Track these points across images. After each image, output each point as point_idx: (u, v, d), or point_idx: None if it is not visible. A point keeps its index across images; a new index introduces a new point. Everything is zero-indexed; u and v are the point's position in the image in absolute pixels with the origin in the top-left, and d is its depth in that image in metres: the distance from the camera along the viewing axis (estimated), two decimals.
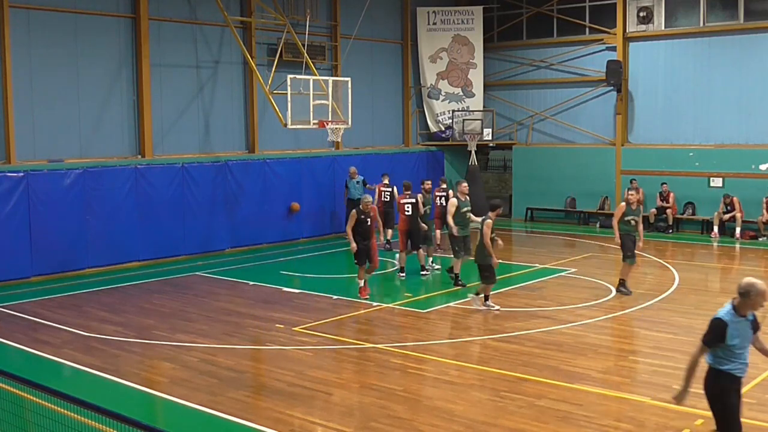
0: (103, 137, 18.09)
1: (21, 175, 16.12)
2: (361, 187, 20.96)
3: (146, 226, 18.12)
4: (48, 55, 17.06)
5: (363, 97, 23.33)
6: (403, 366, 10.48)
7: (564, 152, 24.96)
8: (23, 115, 16.71)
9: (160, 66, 18.95)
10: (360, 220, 14.51)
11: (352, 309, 13.78)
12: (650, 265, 17.83)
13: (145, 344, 11.61)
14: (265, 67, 20.49)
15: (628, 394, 9.26)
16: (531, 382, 9.66)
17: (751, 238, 20.92)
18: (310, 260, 18.99)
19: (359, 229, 14.47)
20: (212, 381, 9.84)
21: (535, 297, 14.59)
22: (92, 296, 15.01)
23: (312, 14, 20.63)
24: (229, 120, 20.64)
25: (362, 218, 14.54)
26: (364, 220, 14.57)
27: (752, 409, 8.62)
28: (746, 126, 21.77)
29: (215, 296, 14.90)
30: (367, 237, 14.56)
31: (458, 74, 25.99)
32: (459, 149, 25.81)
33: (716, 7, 22.17)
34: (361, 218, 14.51)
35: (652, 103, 23.39)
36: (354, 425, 8.36)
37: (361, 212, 14.52)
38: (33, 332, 12.36)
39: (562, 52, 24.93)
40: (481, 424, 8.29)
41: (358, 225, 14.45)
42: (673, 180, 22.52)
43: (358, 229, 14.44)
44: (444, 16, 25.93)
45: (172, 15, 19.21)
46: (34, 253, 16.30)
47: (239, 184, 19.99)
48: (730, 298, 9.64)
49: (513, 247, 20.48)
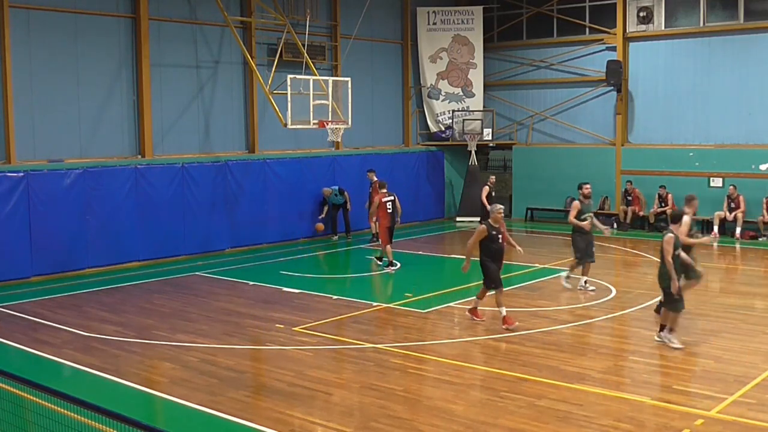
0: (103, 137, 18.09)
1: (21, 175, 16.12)
2: (341, 196, 21.39)
3: (146, 226, 18.12)
4: (48, 55, 17.06)
5: (363, 97, 23.33)
6: (403, 366, 10.47)
7: (564, 152, 24.97)
8: (23, 115, 16.71)
9: (160, 66, 18.95)
10: (490, 237, 12.14)
11: (352, 309, 13.77)
12: (650, 265, 17.83)
13: (145, 344, 11.61)
14: (265, 67, 20.49)
15: (628, 394, 9.26)
16: (531, 382, 9.66)
17: (751, 238, 20.93)
18: (310, 260, 18.99)
19: (491, 247, 12.17)
20: (212, 381, 9.83)
21: (535, 297, 14.59)
22: (92, 296, 15.01)
23: (312, 14, 20.64)
24: (229, 120, 20.64)
25: (493, 234, 12.14)
26: (495, 237, 12.17)
27: (752, 409, 8.62)
28: (746, 126, 21.77)
29: (215, 296, 14.90)
30: (499, 258, 12.29)
31: (458, 74, 25.99)
32: (459, 149, 25.81)
33: (716, 7, 22.17)
34: (491, 234, 12.13)
35: (652, 103, 23.40)
36: (354, 425, 8.36)
37: (491, 227, 12.15)
38: (33, 332, 12.36)
39: (562, 52, 24.94)
40: (481, 424, 8.29)
41: (489, 242, 12.14)
42: (673, 180, 22.51)
43: (490, 248, 12.17)
44: (444, 16, 25.93)
45: (172, 15, 19.21)
46: (34, 253, 16.30)
47: (239, 184, 19.99)
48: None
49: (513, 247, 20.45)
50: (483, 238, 12.09)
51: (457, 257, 19.30)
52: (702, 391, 9.25)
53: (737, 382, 9.49)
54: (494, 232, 12.08)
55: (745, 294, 15.05)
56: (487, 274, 12.22)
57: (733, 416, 8.41)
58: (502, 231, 12.26)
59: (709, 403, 8.80)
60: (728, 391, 9.17)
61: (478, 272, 13.30)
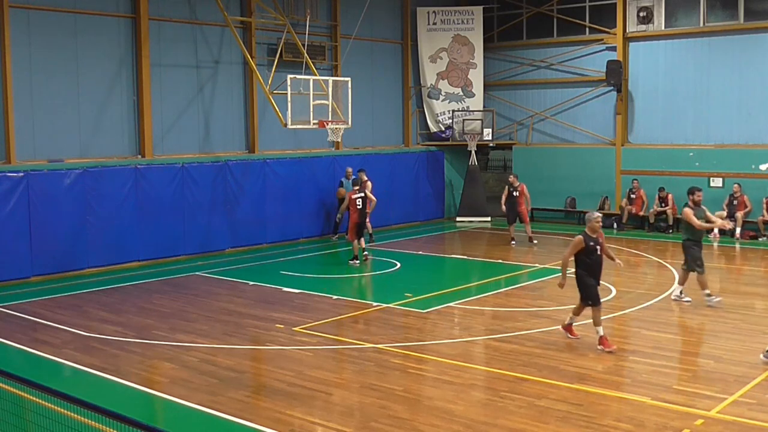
0: (103, 137, 18.08)
1: (21, 175, 16.12)
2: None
3: (146, 226, 18.12)
4: (48, 55, 17.06)
5: (363, 97, 23.33)
6: (403, 366, 10.47)
7: (564, 152, 24.97)
8: (23, 115, 16.71)
9: (160, 66, 18.95)
10: (587, 249, 11.00)
11: (352, 309, 13.78)
12: (650, 265, 17.85)
13: (145, 344, 11.60)
14: (265, 67, 20.49)
15: (628, 394, 9.26)
16: (531, 382, 9.66)
17: (751, 238, 20.92)
18: (310, 260, 18.99)
19: (588, 260, 11.05)
20: (212, 381, 9.83)
21: (535, 297, 14.59)
22: (92, 296, 15.01)
23: (312, 14, 20.64)
24: (229, 120, 20.64)
25: (590, 246, 10.99)
26: (592, 249, 11.01)
27: (752, 409, 8.62)
28: (746, 126, 21.77)
29: (215, 296, 14.90)
30: (597, 271, 11.20)
31: (458, 74, 25.99)
32: (459, 149, 25.81)
33: (716, 7, 22.17)
34: (588, 245, 10.99)
35: (652, 103, 23.40)
36: (354, 425, 8.36)
37: (588, 238, 11.03)
38: (33, 332, 12.36)
39: (562, 52, 24.93)
40: (481, 424, 8.29)
41: (585, 254, 11.06)
42: (673, 180, 22.51)
43: (586, 261, 11.06)
44: (444, 16, 25.93)
45: (172, 15, 19.21)
46: (34, 253, 16.30)
47: (239, 184, 19.99)
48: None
49: (513, 247, 20.47)
50: (579, 251, 11.02)
51: (457, 257, 19.31)
52: (702, 391, 9.25)
53: (737, 382, 9.49)
54: (591, 243, 10.95)
55: (745, 294, 15.05)
56: (583, 290, 11.15)
57: (733, 416, 8.41)
58: (601, 242, 11.13)
59: (709, 403, 8.81)
60: (728, 391, 9.17)
61: (477, 272, 13.31)
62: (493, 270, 17.44)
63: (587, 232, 11.03)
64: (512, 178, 20.91)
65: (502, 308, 13.56)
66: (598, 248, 11.02)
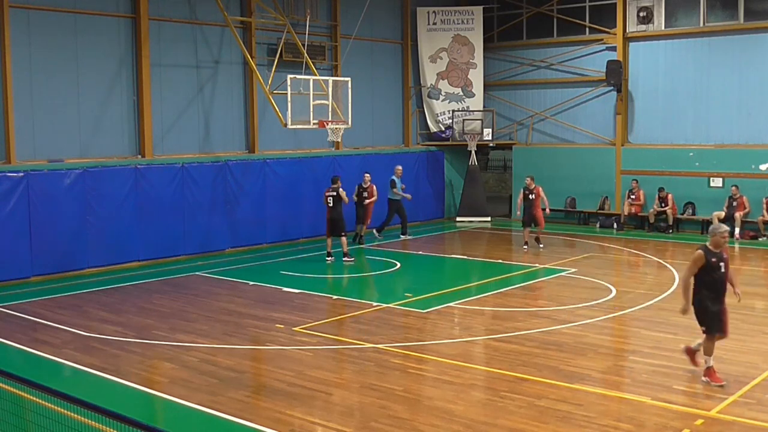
0: (103, 137, 18.08)
1: (21, 175, 16.12)
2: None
3: (146, 226, 18.12)
4: (48, 55, 17.06)
5: (363, 97, 23.33)
6: (403, 366, 10.47)
7: (564, 152, 24.96)
8: (23, 115, 16.70)
9: (160, 66, 18.95)
10: (709, 266, 9.44)
11: (352, 309, 13.77)
12: (650, 265, 17.85)
13: (145, 344, 11.60)
14: (265, 67, 20.49)
15: (628, 394, 9.26)
16: (531, 382, 9.66)
17: (751, 238, 20.92)
18: (310, 260, 18.99)
19: (709, 278, 9.48)
20: (212, 381, 9.83)
21: (535, 297, 14.59)
22: (92, 296, 15.01)
23: (312, 14, 20.64)
24: (229, 120, 20.64)
25: (713, 262, 9.44)
26: (715, 266, 9.45)
27: (752, 409, 8.62)
28: (746, 126, 21.76)
29: (215, 296, 14.89)
30: (722, 292, 9.56)
31: (458, 74, 25.99)
32: (459, 149, 25.81)
33: (716, 7, 22.16)
34: (710, 262, 9.43)
35: (652, 103, 23.39)
36: (354, 425, 8.36)
37: (710, 253, 9.47)
38: (33, 332, 12.36)
39: (562, 52, 24.93)
40: (481, 424, 8.29)
41: (706, 272, 9.48)
42: (673, 180, 22.52)
43: (707, 279, 9.49)
44: (444, 16, 25.93)
45: (172, 15, 19.21)
46: (34, 253, 16.30)
47: (239, 184, 19.99)
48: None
49: (513, 247, 20.46)
50: (700, 268, 9.50)
51: (457, 257, 19.30)
52: (702, 391, 9.25)
53: (737, 382, 9.49)
54: (714, 259, 9.43)
55: (745, 294, 14.94)
56: (706, 315, 9.52)
57: (733, 416, 8.41)
58: (725, 257, 9.59)
59: (709, 403, 8.81)
60: (728, 391, 9.17)
61: (478, 271, 13.30)
62: (493, 270, 17.44)
63: (709, 247, 9.51)
64: (528, 181, 20.15)
65: (502, 308, 13.56)
66: (722, 264, 9.51)
